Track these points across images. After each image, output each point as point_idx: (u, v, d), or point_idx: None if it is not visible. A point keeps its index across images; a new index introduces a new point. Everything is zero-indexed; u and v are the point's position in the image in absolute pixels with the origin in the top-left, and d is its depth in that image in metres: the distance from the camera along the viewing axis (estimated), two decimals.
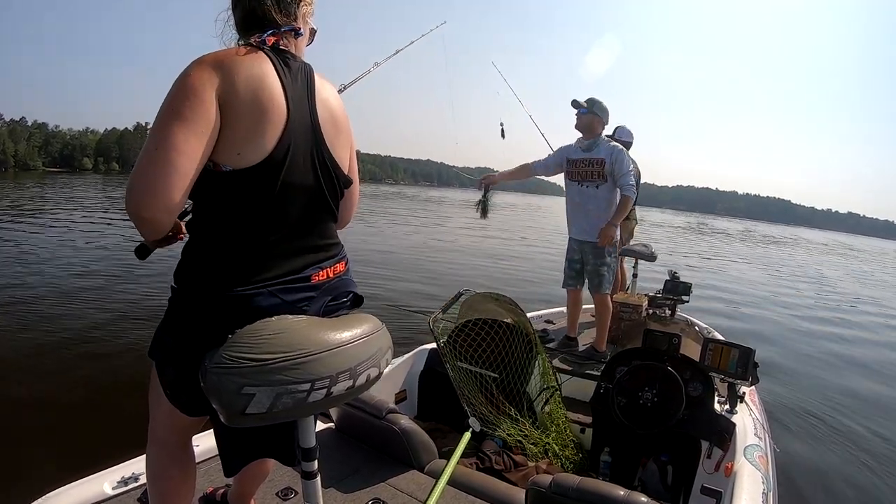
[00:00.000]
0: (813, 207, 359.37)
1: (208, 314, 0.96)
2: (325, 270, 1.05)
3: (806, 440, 3.74)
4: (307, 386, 0.88)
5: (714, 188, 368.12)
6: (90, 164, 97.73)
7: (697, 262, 15.63)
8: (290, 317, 0.95)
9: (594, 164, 3.05)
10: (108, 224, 12.90)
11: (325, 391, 0.90)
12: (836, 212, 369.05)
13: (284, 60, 0.99)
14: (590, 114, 3.05)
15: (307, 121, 1.00)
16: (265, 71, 0.94)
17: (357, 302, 1.16)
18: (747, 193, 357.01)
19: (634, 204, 4.44)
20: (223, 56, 0.92)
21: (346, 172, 1.11)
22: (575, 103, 3.08)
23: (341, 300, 1.11)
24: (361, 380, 0.97)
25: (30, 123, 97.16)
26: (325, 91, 1.06)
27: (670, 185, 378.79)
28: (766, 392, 3.77)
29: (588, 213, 3.10)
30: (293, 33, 1.05)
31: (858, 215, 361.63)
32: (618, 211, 3.01)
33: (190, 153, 0.85)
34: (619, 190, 3.01)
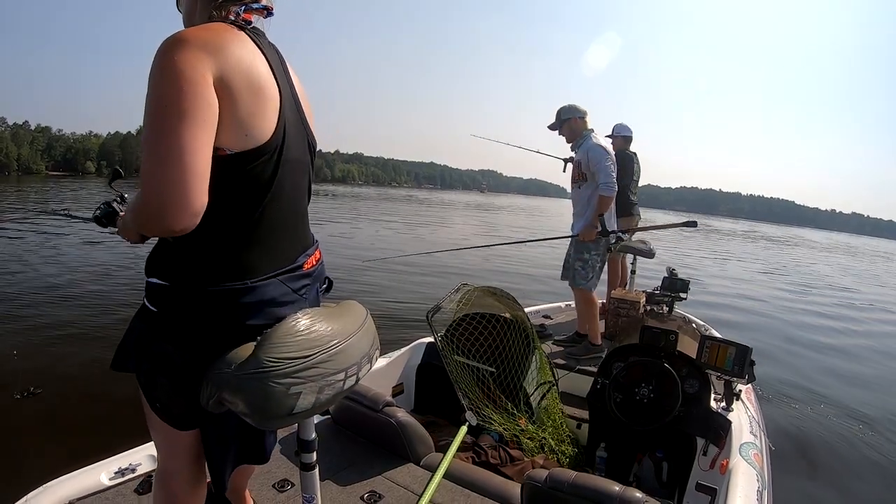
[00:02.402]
0: (817, 208, 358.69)
1: (222, 310, 0.90)
2: (310, 257, 1.05)
3: (803, 439, 3.73)
4: (342, 375, 0.92)
5: (718, 189, 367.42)
6: (93, 167, 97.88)
7: (696, 260, 15.57)
8: (309, 310, 0.96)
9: (577, 165, 3.17)
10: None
11: (354, 377, 0.96)
12: (840, 212, 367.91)
13: (259, 37, 0.95)
14: (563, 125, 3.17)
15: (290, 96, 0.96)
16: (252, 49, 0.90)
17: (329, 287, 1.17)
18: (751, 194, 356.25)
19: (636, 204, 4.44)
20: (205, 35, 0.83)
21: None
22: (552, 127, 3.23)
23: (322, 286, 1.12)
24: (374, 361, 1.05)
25: (33, 127, 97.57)
26: (291, 69, 1.03)
27: (673, 187, 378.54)
28: (762, 387, 3.76)
29: (576, 213, 3.25)
30: (265, 12, 0.99)
31: (862, 216, 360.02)
32: (597, 207, 3.05)
33: (202, 151, 0.79)
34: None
